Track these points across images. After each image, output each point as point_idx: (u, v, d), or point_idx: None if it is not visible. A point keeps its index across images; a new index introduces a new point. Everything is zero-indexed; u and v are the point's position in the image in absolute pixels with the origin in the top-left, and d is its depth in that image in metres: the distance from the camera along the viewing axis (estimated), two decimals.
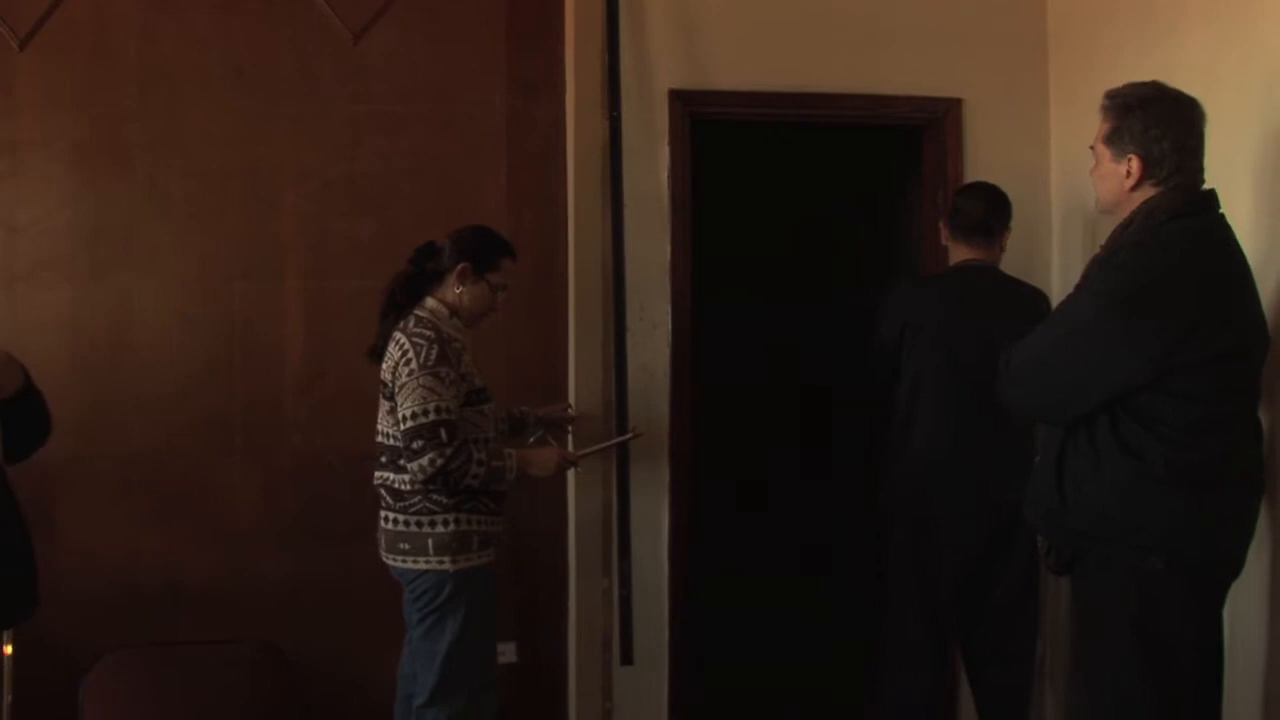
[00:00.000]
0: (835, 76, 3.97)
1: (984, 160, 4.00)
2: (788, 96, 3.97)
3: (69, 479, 3.81)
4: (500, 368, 3.80)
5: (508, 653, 3.86)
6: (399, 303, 3.20)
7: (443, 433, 2.97)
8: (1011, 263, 3.93)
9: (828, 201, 5.15)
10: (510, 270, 3.28)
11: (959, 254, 3.61)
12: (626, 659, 3.90)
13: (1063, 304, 2.69)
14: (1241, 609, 2.84)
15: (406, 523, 3.11)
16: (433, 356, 3.02)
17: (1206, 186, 2.62)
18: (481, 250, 3.22)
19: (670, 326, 3.94)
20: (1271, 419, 2.77)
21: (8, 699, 2.77)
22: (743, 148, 4.70)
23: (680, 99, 3.92)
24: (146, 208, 3.90)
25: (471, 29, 3.99)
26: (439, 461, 2.96)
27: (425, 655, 3.13)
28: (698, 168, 3.99)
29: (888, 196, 4.61)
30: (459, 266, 3.18)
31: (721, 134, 4.17)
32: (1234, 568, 2.63)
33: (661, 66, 3.92)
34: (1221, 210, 2.61)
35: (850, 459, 4.88)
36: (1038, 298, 3.58)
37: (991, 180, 3.92)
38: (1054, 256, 3.98)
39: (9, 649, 2.82)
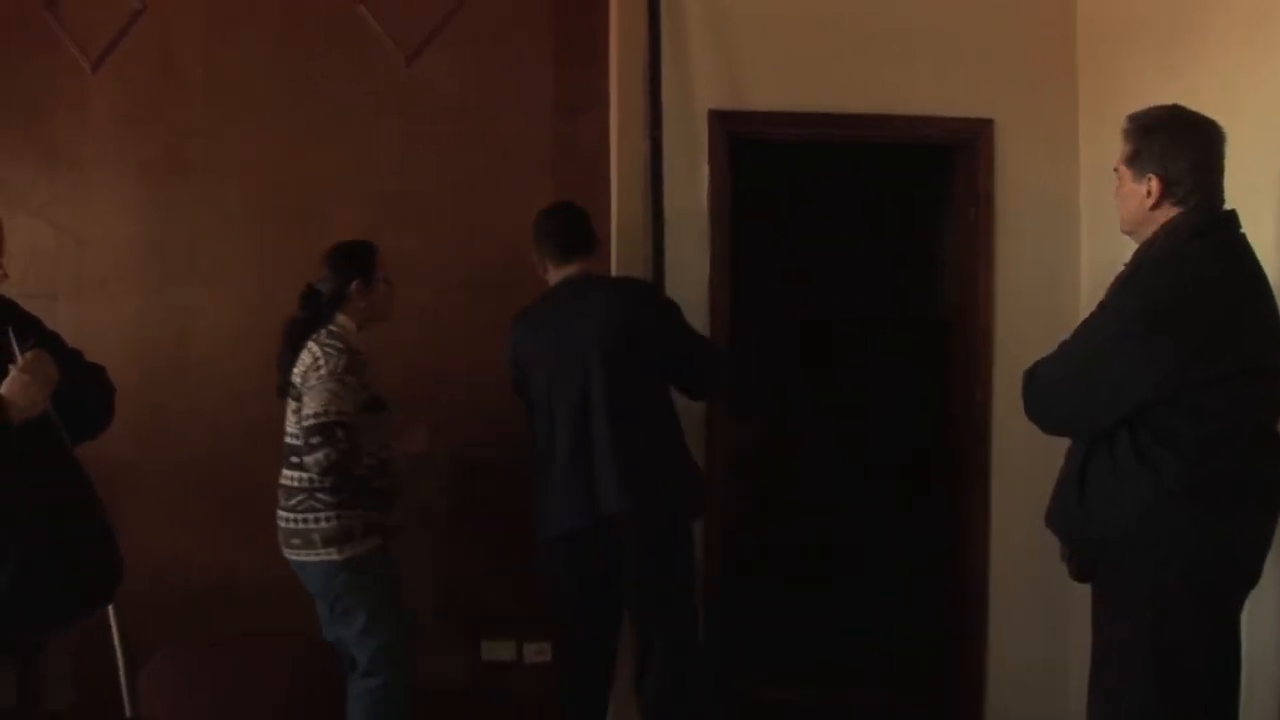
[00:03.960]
0: (870, 98, 4.04)
1: (1014, 179, 4.09)
2: (824, 117, 4.04)
3: (130, 481, 3.94)
4: None
5: (544, 652, 4.01)
6: (296, 344, 3.45)
7: (339, 432, 3.26)
8: (1039, 280, 4.04)
9: (864, 218, 5.23)
10: (384, 259, 3.56)
11: (555, 274, 3.66)
12: None
13: (1086, 321, 2.74)
14: (1258, 622, 2.88)
15: (294, 520, 3.42)
16: (341, 365, 3.33)
17: (1228, 207, 2.67)
18: (359, 262, 3.51)
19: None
20: None
21: (122, 662, 2.95)
22: (782, 165, 4.78)
23: (720, 119, 4.01)
24: (208, 221, 4.05)
25: (519, 52, 4.12)
26: (333, 456, 3.25)
27: (348, 638, 3.44)
28: (737, 186, 4.08)
29: (922, 213, 4.70)
30: (353, 286, 3.47)
31: (761, 153, 4.25)
32: (1250, 579, 2.68)
33: (702, 88, 4.02)
34: (1242, 230, 2.66)
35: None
36: (637, 286, 3.77)
37: (1021, 198, 4.07)
38: (1082, 274, 4.04)
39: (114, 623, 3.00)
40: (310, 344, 3.39)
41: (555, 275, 3.65)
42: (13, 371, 2.66)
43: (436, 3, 4.09)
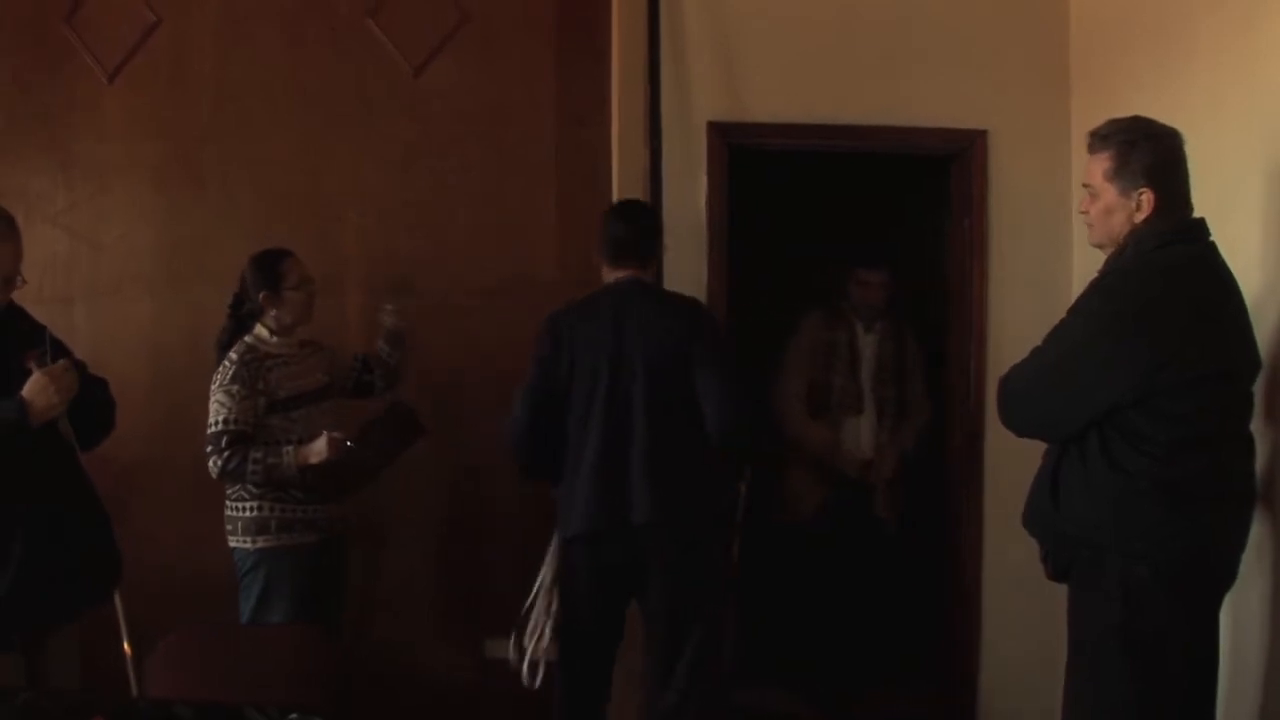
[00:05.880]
0: (866, 109, 4.11)
1: (1008, 189, 4.15)
2: (821, 128, 4.12)
3: (145, 477, 4.07)
4: None
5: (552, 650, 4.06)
6: (225, 347, 3.58)
7: (223, 441, 3.43)
8: (1031, 287, 4.09)
9: (859, 226, 5.27)
10: (296, 265, 3.60)
11: (608, 274, 3.57)
12: None
13: (1056, 327, 2.77)
14: (1241, 618, 2.93)
15: (228, 506, 3.60)
16: (229, 376, 3.48)
17: (1200, 215, 2.70)
18: (266, 276, 3.57)
19: None
20: (1272, 437, 2.88)
21: (128, 649, 3.07)
22: (779, 175, 4.83)
23: (718, 130, 4.08)
24: (220, 226, 4.15)
25: (523, 63, 4.21)
26: (219, 463, 3.44)
27: (245, 614, 3.60)
28: (734, 195, 4.15)
29: (917, 222, 4.76)
30: (261, 299, 3.56)
31: (758, 162, 4.32)
32: (1225, 577, 2.72)
33: (700, 99, 4.10)
34: (1211, 238, 2.69)
35: None
36: (689, 305, 3.57)
37: (1014, 207, 4.09)
38: (1074, 281, 4.05)
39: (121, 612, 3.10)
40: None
41: (608, 275, 3.56)
42: (36, 375, 2.78)
43: (443, 17, 4.19)
